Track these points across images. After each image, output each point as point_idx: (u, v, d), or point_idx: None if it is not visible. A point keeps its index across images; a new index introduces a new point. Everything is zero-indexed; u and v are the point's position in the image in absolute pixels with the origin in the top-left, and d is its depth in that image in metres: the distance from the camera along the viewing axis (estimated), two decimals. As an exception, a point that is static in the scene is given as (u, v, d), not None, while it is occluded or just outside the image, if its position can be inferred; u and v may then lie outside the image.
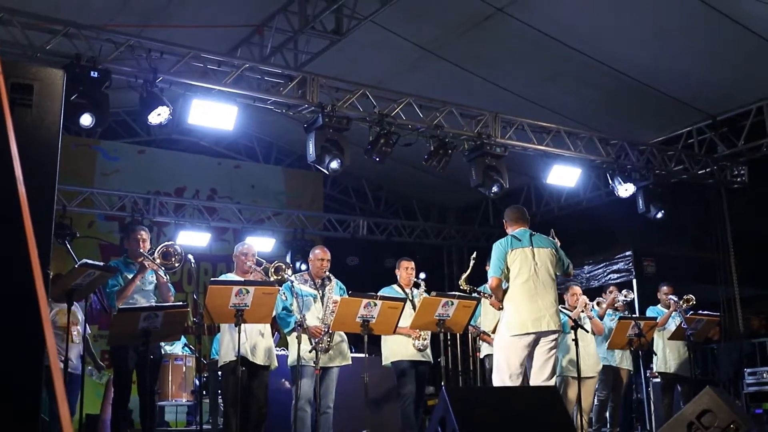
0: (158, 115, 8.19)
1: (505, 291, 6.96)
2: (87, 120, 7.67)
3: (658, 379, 10.33)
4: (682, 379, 9.72)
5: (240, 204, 14.92)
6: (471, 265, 7.69)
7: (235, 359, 6.89)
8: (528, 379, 6.89)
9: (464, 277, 7.56)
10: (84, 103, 7.65)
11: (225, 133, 12.55)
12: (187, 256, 7.05)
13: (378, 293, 7.56)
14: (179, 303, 6.99)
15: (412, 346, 8.08)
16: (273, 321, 7.51)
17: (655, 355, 9.92)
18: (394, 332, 7.51)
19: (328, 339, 7.55)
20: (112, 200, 13.36)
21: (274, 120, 13.40)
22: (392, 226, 15.90)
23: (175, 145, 15.19)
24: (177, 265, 7.01)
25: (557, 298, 7.09)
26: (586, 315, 8.94)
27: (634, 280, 12.16)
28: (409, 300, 8.05)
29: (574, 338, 8.06)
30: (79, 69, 7.65)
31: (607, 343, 9.05)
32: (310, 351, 7.26)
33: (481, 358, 8.76)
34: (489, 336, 8.17)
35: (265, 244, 14.19)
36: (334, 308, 7.28)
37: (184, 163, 15.13)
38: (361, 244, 15.44)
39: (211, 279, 7.37)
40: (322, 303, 7.68)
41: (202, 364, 9.37)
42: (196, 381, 9.72)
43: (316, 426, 7.37)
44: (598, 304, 9.42)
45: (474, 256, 7.80)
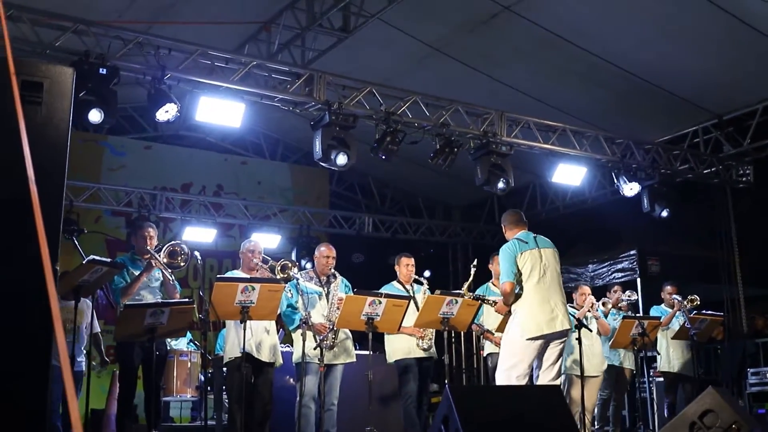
0: (166, 112, 8.24)
1: (517, 295, 6.89)
2: (96, 116, 7.71)
3: (661, 379, 10.35)
4: (686, 378, 9.73)
5: (246, 200, 14.97)
6: (472, 273, 7.63)
7: (241, 356, 6.92)
8: (533, 378, 6.88)
9: (467, 285, 7.48)
10: (92, 100, 7.69)
11: (232, 130, 12.59)
12: (194, 254, 7.09)
13: (379, 291, 7.58)
14: (185, 299, 7.02)
15: (417, 345, 8.08)
16: (278, 318, 7.53)
17: (659, 355, 9.95)
18: (399, 330, 7.52)
19: (333, 336, 7.58)
20: (118, 196, 13.42)
21: (281, 116, 13.45)
22: (397, 223, 15.95)
23: (182, 141, 15.24)
24: (183, 264, 7.03)
25: (565, 296, 7.08)
26: (593, 315, 8.96)
27: (639, 279, 12.16)
28: (411, 297, 8.05)
29: (577, 337, 8.08)
30: (88, 66, 7.69)
31: (611, 343, 9.07)
32: (314, 348, 7.28)
33: (485, 356, 8.77)
34: (492, 334, 8.17)
35: (271, 240, 14.24)
36: (339, 305, 7.29)
37: (191, 159, 15.18)
38: (366, 241, 15.48)
39: (217, 276, 7.40)
40: (328, 300, 7.69)
41: (207, 359, 9.41)
42: (201, 377, 9.77)
43: (320, 423, 7.40)
44: (603, 305, 9.43)
45: (474, 264, 7.75)
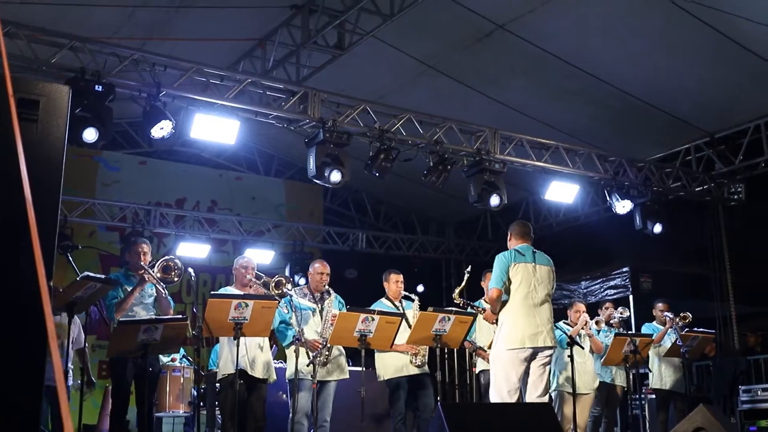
0: (161, 129, 8.29)
1: (503, 303, 6.99)
2: (91, 135, 7.75)
3: (653, 396, 10.37)
4: (677, 395, 9.75)
5: (240, 216, 15.00)
6: (465, 279, 7.73)
7: (234, 373, 6.94)
8: (524, 395, 6.92)
9: (458, 290, 7.61)
10: (88, 117, 7.72)
11: (226, 145, 12.63)
12: (187, 269, 7.11)
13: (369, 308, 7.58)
14: (178, 316, 7.04)
15: (410, 362, 8.08)
16: (271, 334, 7.54)
17: (650, 372, 9.98)
18: (391, 347, 7.54)
19: (327, 353, 7.59)
20: (112, 211, 13.43)
21: (276, 132, 13.49)
22: (391, 239, 15.99)
23: (176, 157, 15.26)
24: (176, 279, 7.05)
25: (552, 315, 7.15)
26: (586, 333, 9.00)
27: (631, 296, 12.21)
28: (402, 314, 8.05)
29: (569, 354, 8.12)
30: (84, 83, 7.74)
31: (603, 360, 9.10)
32: (307, 365, 7.30)
33: (477, 373, 8.80)
34: (485, 351, 8.20)
35: (265, 256, 14.26)
36: (333, 322, 7.30)
37: (185, 174, 15.20)
38: (360, 257, 15.49)
39: (211, 292, 7.41)
40: (321, 317, 7.70)
41: (200, 375, 9.40)
42: (194, 392, 9.75)
43: (313, 439, 7.41)
44: (597, 323, 9.46)
45: (468, 269, 7.85)
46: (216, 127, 8.93)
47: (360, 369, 7.22)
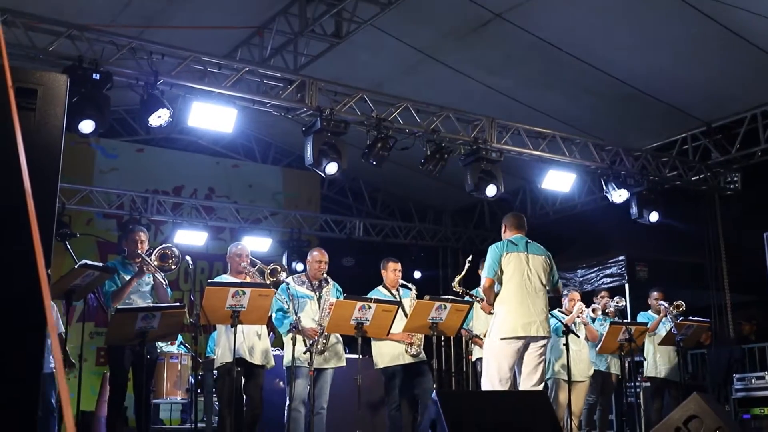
0: (158, 118, 8.30)
1: (497, 294, 7.05)
2: (87, 127, 7.76)
3: (647, 384, 10.43)
4: (672, 384, 9.82)
5: (237, 203, 15.02)
6: (466, 268, 7.77)
7: (232, 360, 6.98)
8: (517, 384, 6.98)
9: (458, 279, 7.66)
10: (85, 105, 7.73)
11: (224, 133, 12.64)
12: (185, 257, 7.14)
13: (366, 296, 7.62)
14: (176, 304, 7.07)
15: (406, 351, 8.12)
16: (269, 321, 7.58)
17: (645, 360, 10.04)
18: (388, 335, 7.57)
19: (324, 341, 7.63)
20: (110, 198, 13.44)
21: (273, 120, 13.49)
22: (388, 227, 16.01)
23: (174, 144, 15.26)
24: (174, 267, 7.09)
25: (548, 304, 7.19)
26: (581, 321, 9.05)
27: (627, 285, 12.26)
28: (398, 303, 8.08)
29: (565, 343, 8.17)
30: (81, 71, 7.73)
31: (598, 348, 9.14)
32: (304, 352, 7.34)
33: (473, 361, 8.84)
34: (481, 339, 8.23)
35: (262, 243, 14.29)
36: (331, 310, 7.34)
37: (183, 162, 15.22)
38: (357, 245, 15.52)
39: (208, 280, 7.44)
40: (319, 305, 7.74)
41: (198, 362, 9.44)
42: (191, 379, 9.79)
43: (310, 427, 7.45)
44: (593, 311, 9.51)
45: (470, 258, 7.89)
46: (213, 116, 8.93)
47: (357, 356, 7.26)
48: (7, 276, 3.19)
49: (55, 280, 6.64)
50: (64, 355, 8.08)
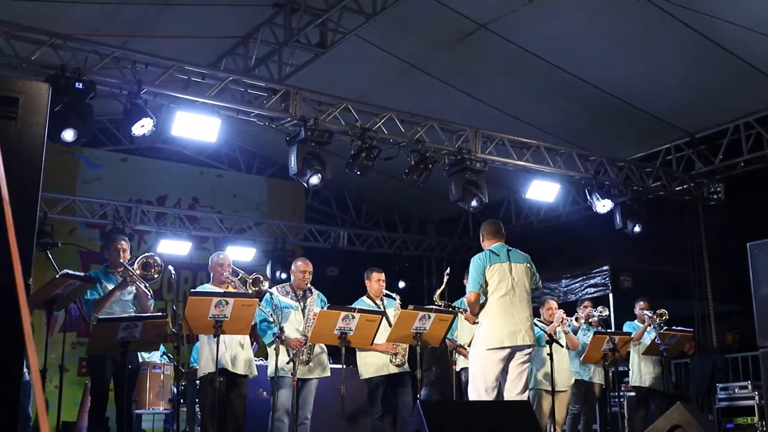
0: (142, 127, 8.26)
1: (482, 305, 7.03)
2: (69, 135, 7.72)
3: (632, 393, 10.45)
4: (657, 393, 9.84)
5: (221, 213, 14.97)
6: (445, 281, 7.72)
7: (215, 370, 6.94)
8: (502, 393, 6.97)
9: (439, 293, 7.58)
10: (68, 114, 7.68)
11: (208, 143, 12.61)
12: (168, 267, 7.10)
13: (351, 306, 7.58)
14: (158, 314, 7.03)
15: (390, 362, 8.09)
16: (252, 331, 7.55)
17: (630, 370, 10.06)
18: (372, 345, 7.55)
19: (308, 351, 7.61)
20: (93, 208, 13.38)
21: (257, 130, 13.46)
22: (373, 237, 16.01)
23: (158, 154, 15.21)
24: (156, 276, 7.06)
25: (532, 313, 7.20)
26: (562, 330, 9.06)
27: (611, 295, 12.29)
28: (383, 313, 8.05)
29: (549, 352, 8.17)
30: (64, 80, 7.70)
31: (582, 358, 9.15)
32: (288, 362, 7.31)
33: (457, 371, 8.83)
34: (465, 349, 8.22)
35: (246, 253, 14.26)
36: (315, 320, 7.32)
37: (167, 171, 15.16)
38: (341, 254, 15.50)
39: (191, 290, 7.40)
40: (304, 315, 7.71)
41: (180, 372, 9.39)
42: (174, 389, 9.74)
43: (293, 437, 7.42)
44: (576, 320, 9.51)
45: (447, 271, 7.85)
46: (197, 125, 8.90)
47: (340, 366, 7.24)
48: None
49: (36, 289, 6.60)
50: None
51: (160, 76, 8.58)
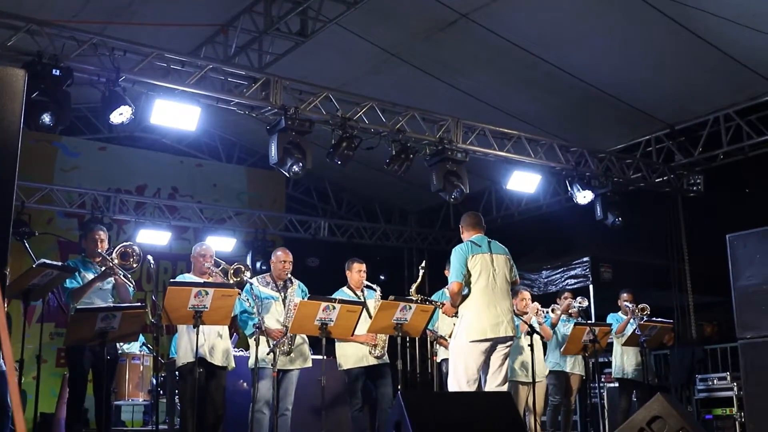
0: (120, 115, 8.16)
1: (464, 296, 7.00)
2: (48, 119, 7.61)
3: (612, 384, 10.47)
4: (639, 384, 9.86)
5: (201, 203, 14.87)
6: (421, 275, 7.68)
7: (193, 360, 6.89)
8: (482, 385, 6.96)
9: (415, 287, 7.52)
10: (45, 101, 7.58)
11: (187, 132, 12.49)
12: (147, 257, 7.04)
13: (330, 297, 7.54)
14: (137, 304, 6.96)
15: (369, 353, 8.06)
16: (233, 322, 7.50)
17: (614, 361, 10.09)
18: (352, 336, 7.52)
19: (289, 342, 7.57)
20: (71, 197, 13.25)
21: (237, 119, 13.38)
22: (353, 227, 15.97)
23: (137, 143, 15.07)
24: (135, 265, 6.99)
25: (512, 304, 7.19)
26: (537, 321, 9.08)
27: (591, 286, 12.31)
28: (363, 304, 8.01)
29: (530, 343, 8.18)
30: (41, 67, 7.59)
31: (562, 349, 9.17)
32: (268, 353, 7.26)
33: (438, 362, 8.82)
34: (446, 340, 8.21)
35: (226, 243, 14.18)
36: (295, 311, 7.27)
37: (146, 160, 15.04)
38: (322, 245, 15.46)
39: (170, 280, 7.34)
40: (284, 305, 7.67)
41: (160, 363, 9.33)
42: (153, 380, 9.68)
43: (274, 428, 7.37)
44: (552, 311, 9.54)
45: (423, 265, 7.82)
46: (177, 114, 8.81)
47: (321, 357, 7.21)
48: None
49: (13, 279, 6.52)
50: None
51: (139, 63, 8.48)
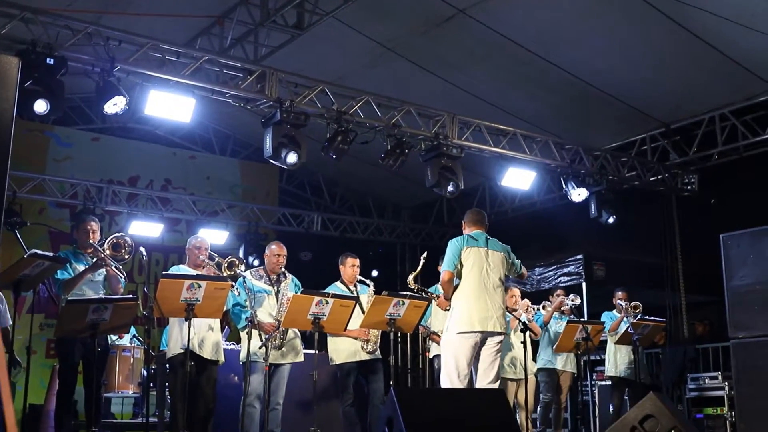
0: (114, 105, 8.10)
1: (455, 288, 7.02)
2: (41, 107, 7.53)
3: (603, 382, 10.47)
4: (631, 382, 9.86)
5: (194, 195, 14.83)
6: (421, 265, 7.70)
7: (183, 352, 6.85)
8: (473, 383, 6.95)
9: (413, 276, 7.59)
10: (39, 91, 7.52)
11: (181, 124, 12.44)
12: (139, 248, 6.99)
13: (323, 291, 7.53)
14: (129, 296, 6.93)
15: (362, 348, 8.03)
16: (225, 315, 7.47)
17: (607, 359, 10.10)
18: (345, 331, 7.50)
19: (282, 336, 7.54)
20: (63, 187, 13.20)
21: (232, 112, 13.32)
22: (346, 222, 15.94)
23: (130, 134, 15.02)
24: (127, 257, 6.95)
25: (505, 301, 7.19)
26: (527, 318, 9.08)
27: (584, 284, 12.28)
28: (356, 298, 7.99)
29: (522, 341, 8.18)
30: (35, 55, 7.52)
31: (555, 347, 9.17)
32: (259, 347, 7.23)
33: (431, 358, 8.81)
34: (438, 336, 8.20)
35: (219, 236, 14.14)
36: (288, 305, 7.24)
37: (139, 152, 14.98)
38: (315, 239, 15.41)
39: (163, 272, 7.30)
40: (277, 299, 7.65)
41: (150, 356, 9.29)
42: (144, 373, 9.64)
43: (265, 422, 7.35)
44: (544, 308, 9.54)
45: (425, 255, 7.82)
46: (171, 105, 8.75)
47: (313, 352, 7.18)
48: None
49: (3, 269, 6.47)
50: (10, 354, 7.77)
51: (134, 53, 8.42)
